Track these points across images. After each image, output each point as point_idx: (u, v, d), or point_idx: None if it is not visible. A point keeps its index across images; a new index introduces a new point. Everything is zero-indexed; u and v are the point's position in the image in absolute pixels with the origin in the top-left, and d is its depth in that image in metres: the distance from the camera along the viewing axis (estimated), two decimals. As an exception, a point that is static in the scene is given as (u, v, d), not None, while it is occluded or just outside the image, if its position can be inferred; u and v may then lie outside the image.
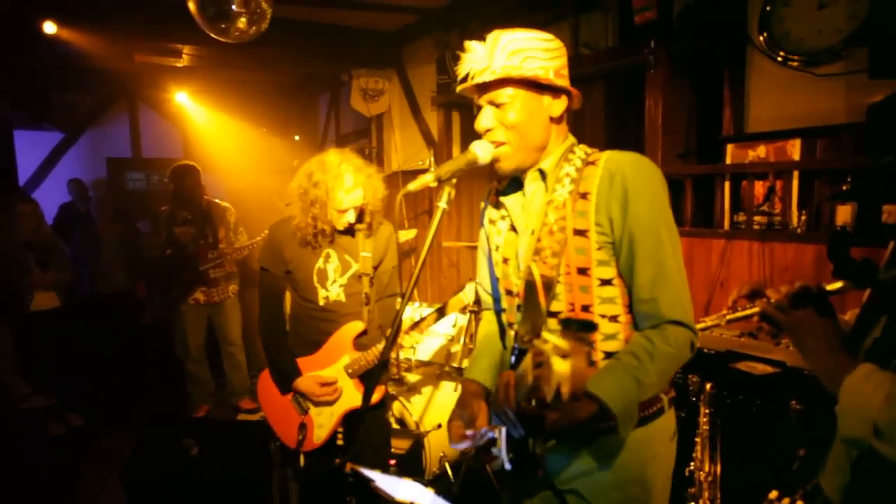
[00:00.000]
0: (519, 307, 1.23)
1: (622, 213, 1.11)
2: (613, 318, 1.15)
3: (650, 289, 1.12)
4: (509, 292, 1.26)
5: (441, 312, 2.03)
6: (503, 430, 1.18)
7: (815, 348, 0.93)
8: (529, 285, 1.18)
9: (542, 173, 1.20)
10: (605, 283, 1.14)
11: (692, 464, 1.72)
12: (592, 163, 1.16)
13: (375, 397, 2.06)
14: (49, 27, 3.36)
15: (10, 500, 2.85)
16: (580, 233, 1.14)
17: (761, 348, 2.06)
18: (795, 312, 0.97)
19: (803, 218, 2.31)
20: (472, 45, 1.17)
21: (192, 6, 2.47)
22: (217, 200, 3.81)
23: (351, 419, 2.05)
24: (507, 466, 1.19)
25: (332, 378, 2.01)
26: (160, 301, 3.91)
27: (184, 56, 4.40)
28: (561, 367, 0.84)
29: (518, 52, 1.13)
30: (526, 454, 1.18)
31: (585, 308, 1.15)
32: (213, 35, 2.61)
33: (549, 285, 1.16)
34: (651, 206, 1.11)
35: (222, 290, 3.73)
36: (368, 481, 0.91)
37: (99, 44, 3.75)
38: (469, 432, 1.20)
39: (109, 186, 6.29)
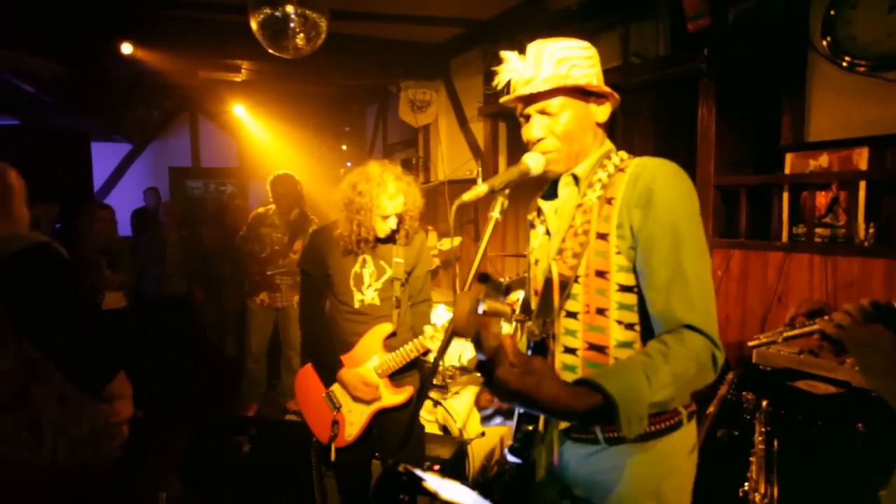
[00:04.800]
0: (539, 305, 1.24)
1: (643, 214, 1.09)
2: (630, 326, 1.13)
3: (665, 290, 1.05)
4: (536, 292, 1.28)
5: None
6: (514, 419, 1.19)
7: (883, 368, 0.89)
8: (547, 282, 1.20)
9: (576, 178, 1.22)
10: (625, 289, 1.13)
11: (747, 484, 1.66)
12: (622, 170, 1.17)
13: (404, 397, 2.12)
14: (126, 48, 3.64)
15: (76, 485, 3.04)
16: (602, 236, 1.14)
17: (823, 367, 1.96)
18: (862, 329, 0.93)
19: (871, 231, 2.19)
20: (509, 55, 1.20)
21: (254, 25, 2.62)
22: (310, 214, 3.99)
23: (380, 418, 2.11)
24: (509, 457, 1.19)
25: (376, 382, 2.08)
26: (233, 295, 4.16)
27: (242, 71, 4.65)
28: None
29: (564, 60, 1.16)
30: (529, 444, 1.18)
31: (601, 311, 1.14)
32: (272, 52, 2.76)
33: (564, 284, 1.17)
34: (673, 207, 1.08)
35: (285, 297, 3.89)
36: (420, 480, 0.93)
37: (167, 62, 4.03)
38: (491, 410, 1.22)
39: (172, 194, 6.69)
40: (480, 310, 0.84)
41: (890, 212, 2.17)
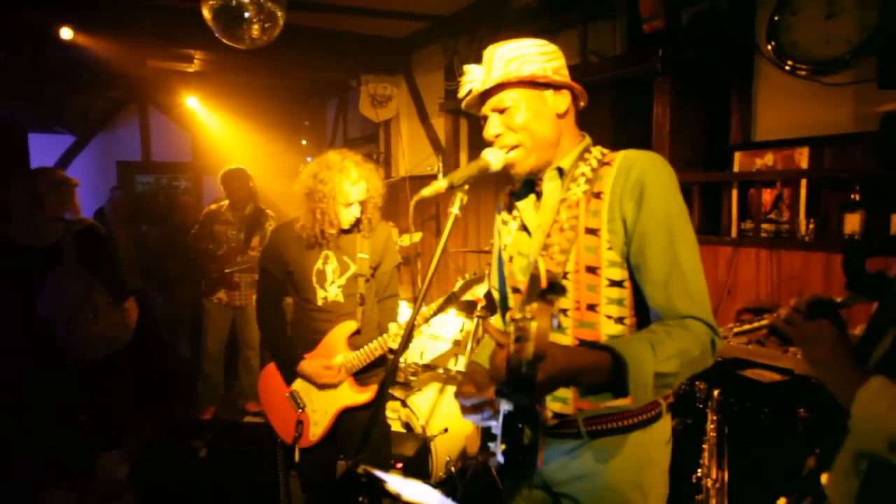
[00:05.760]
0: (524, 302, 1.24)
1: (636, 208, 1.10)
2: (619, 320, 1.14)
3: (664, 285, 1.08)
4: (515, 290, 1.28)
5: (450, 300, 2.08)
6: (500, 420, 1.18)
7: (828, 360, 0.94)
8: (533, 279, 1.19)
9: (560, 171, 1.21)
10: (615, 284, 1.13)
11: (700, 470, 1.73)
12: (608, 163, 1.16)
13: (369, 396, 2.10)
14: (65, 33, 3.42)
15: (23, 498, 2.87)
16: (591, 231, 1.13)
17: (769, 356, 2.06)
18: (808, 324, 0.98)
19: (811, 226, 2.31)
20: (469, 67, 1.21)
21: (206, 13, 2.51)
22: (267, 210, 3.86)
23: (345, 418, 2.09)
24: (500, 459, 1.18)
25: (334, 364, 2.06)
26: (187, 294, 4.03)
27: (195, 61, 4.47)
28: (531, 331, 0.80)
29: (514, 59, 1.16)
30: (519, 446, 1.17)
31: (591, 307, 1.15)
32: (226, 41, 2.66)
33: (552, 281, 1.16)
34: (666, 201, 1.10)
35: (244, 295, 3.77)
36: (381, 482, 0.92)
37: (113, 49, 3.82)
38: (477, 400, 1.18)
39: (120, 189, 6.36)
40: (556, 325, 0.82)
41: (827, 208, 2.30)
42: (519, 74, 1.15)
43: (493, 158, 1.18)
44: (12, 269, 2.45)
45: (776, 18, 2.39)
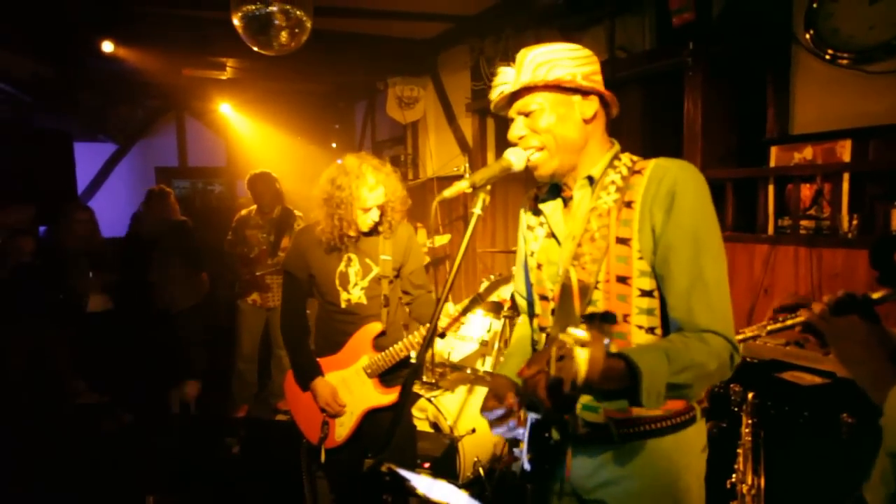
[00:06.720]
0: (553, 311, 1.22)
1: (665, 218, 1.09)
2: (650, 330, 1.13)
3: (686, 297, 1.07)
4: (543, 297, 1.26)
5: (476, 301, 2.06)
6: (527, 428, 1.17)
7: (859, 357, 0.90)
8: (565, 289, 1.17)
9: (591, 179, 1.20)
10: (645, 294, 1.12)
11: (734, 476, 1.67)
12: (639, 171, 1.14)
13: (394, 397, 2.10)
14: (107, 46, 3.58)
15: (61, 492, 3.01)
16: (623, 241, 1.12)
17: (809, 358, 1.98)
18: (838, 320, 0.93)
19: (854, 222, 2.21)
20: (503, 69, 1.22)
21: (236, 21, 2.58)
22: (296, 211, 3.95)
23: (371, 418, 2.10)
24: (527, 467, 1.17)
25: (343, 402, 2.09)
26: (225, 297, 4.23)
27: (227, 69, 4.60)
28: (580, 356, 0.81)
29: (544, 63, 1.15)
30: (546, 454, 1.17)
31: (623, 317, 1.14)
32: (256, 48, 2.73)
33: (585, 290, 1.15)
34: (695, 213, 1.09)
35: (276, 296, 3.85)
36: (404, 481, 0.93)
37: (150, 60, 3.98)
38: (501, 411, 1.19)
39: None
40: (607, 351, 0.83)
41: (872, 203, 2.19)
42: (545, 79, 1.14)
43: (516, 158, 1.17)
44: (135, 252, 3.97)
45: (815, 5, 2.29)
